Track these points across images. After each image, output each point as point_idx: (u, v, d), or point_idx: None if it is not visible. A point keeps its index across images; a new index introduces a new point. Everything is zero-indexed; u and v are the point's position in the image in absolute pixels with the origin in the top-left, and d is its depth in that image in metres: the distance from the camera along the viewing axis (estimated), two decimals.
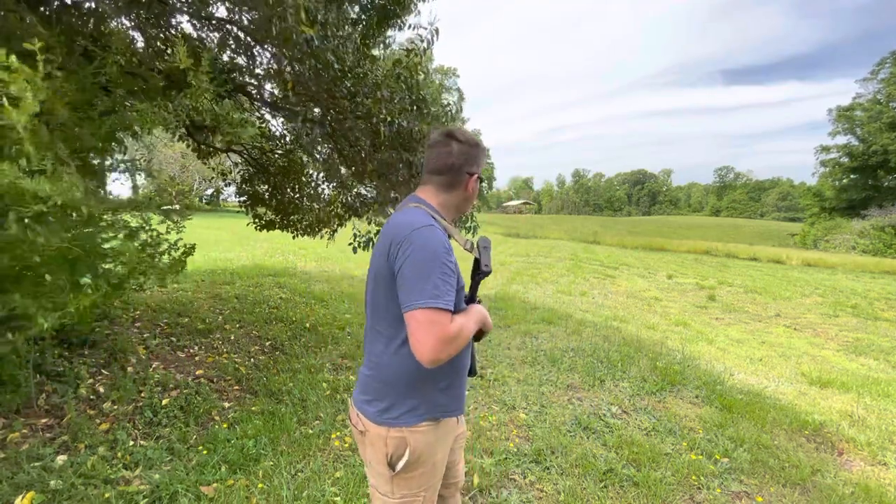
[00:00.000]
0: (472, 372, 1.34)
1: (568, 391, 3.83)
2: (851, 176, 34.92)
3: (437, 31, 3.55)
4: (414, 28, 3.64)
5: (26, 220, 1.52)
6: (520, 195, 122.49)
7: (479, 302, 1.32)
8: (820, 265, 18.37)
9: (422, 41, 3.58)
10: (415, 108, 3.66)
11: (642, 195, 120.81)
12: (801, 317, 8.10)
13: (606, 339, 5.43)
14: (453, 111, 4.18)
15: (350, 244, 4.76)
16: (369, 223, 4.93)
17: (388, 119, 3.38)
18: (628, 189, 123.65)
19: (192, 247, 2.69)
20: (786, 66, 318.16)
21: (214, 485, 2.23)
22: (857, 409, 3.84)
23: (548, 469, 2.63)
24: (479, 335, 1.29)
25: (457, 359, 1.23)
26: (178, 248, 2.51)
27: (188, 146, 5.12)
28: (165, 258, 2.43)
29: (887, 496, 2.58)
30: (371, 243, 4.71)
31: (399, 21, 3.75)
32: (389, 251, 1.12)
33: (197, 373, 3.44)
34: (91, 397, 2.82)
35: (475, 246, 1.29)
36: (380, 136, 3.43)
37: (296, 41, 2.76)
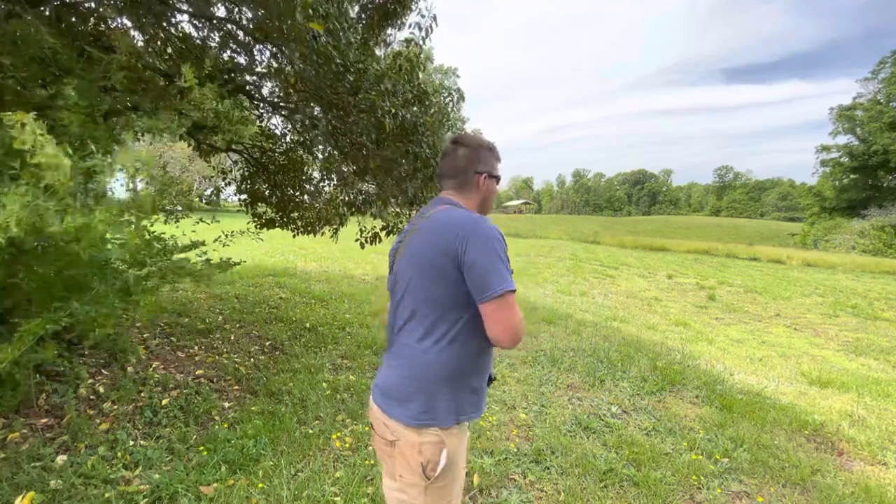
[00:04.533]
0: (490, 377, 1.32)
1: (568, 391, 3.82)
2: (852, 176, 34.83)
3: (434, 17, 3.57)
4: (412, 27, 3.66)
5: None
6: (520, 195, 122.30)
7: None
8: (820, 265, 18.36)
9: (420, 30, 3.59)
10: (417, 100, 3.67)
11: (642, 195, 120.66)
12: (801, 317, 8.10)
13: (606, 339, 5.43)
14: (455, 99, 4.22)
15: (356, 240, 4.78)
16: (374, 218, 4.92)
17: (393, 111, 3.38)
18: (628, 189, 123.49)
19: (236, 262, 2.77)
20: (787, 64, 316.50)
21: (214, 485, 2.23)
22: (857, 409, 3.83)
23: (548, 469, 2.63)
24: None
25: (488, 357, 1.26)
26: (202, 255, 2.55)
27: (189, 145, 5.12)
28: (199, 265, 2.48)
29: (887, 496, 2.58)
30: (377, 238, 4.73)
31: (399, 21, 3.76)
32: (449, 246, 1.13)
33: (197, 373, 3.44)
34: (91, 397, 2.82)
35: None
36: (384, 129, 3.42)
37: (303, 37, 2.76)
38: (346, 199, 5.01)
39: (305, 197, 5.22)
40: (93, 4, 2.83)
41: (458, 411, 1.18)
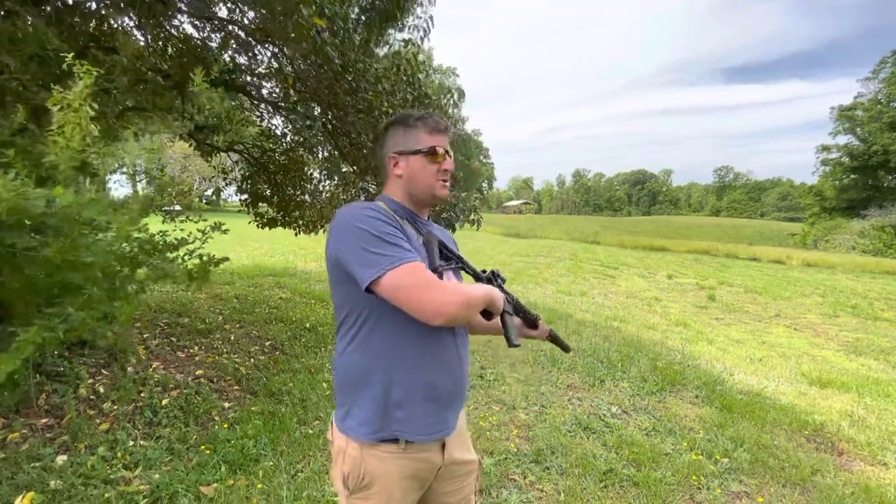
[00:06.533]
0: (510, 343, 1.11)
1: (568, 391, 3.82)
2: (852, 176, 34.86)
3: (431, 18, 3.63)
4: (412, 29, 3.69)
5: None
6: (520, 195, 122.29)
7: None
8: (820, 265, 18.35)
9: (418, 31, 3.63)
10: (417, 102, 3.68)
11: (642, 195, 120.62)
12: (801, 317, 8.10)
13: (606, 339, 5.43)
14: (455, 98, 4.26)
15: None
16: None
17: (390, 112, 3.39)
18: (628, 189, 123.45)
19: (222, 258, 2.73)
20: (787, 64, 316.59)
21: (214, 485, 2.23)
22: (857, 409, 3.83)
23: (548, 469, 2.63)
24: (488, 315, 1.10)
25: (419, 368, 1.05)
26: (192, 256, 2.54)
27: (189, 145, 5.12)
28: (190, 264, 2.47)
29: (887, 496, 2.58)
30: None
31: (399, 23, 3.78)
32: (327, 245, 1.05)
33: (197, 373, 3.44)
34: (91, 397, 2.82)
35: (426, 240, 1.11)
36: None
37: (306, 35, 2.77)
38: (347, 198, 5.03)
39: (306, 196, 5.23)
40: (94, 5, 2.84)
41: (381, 428, 1.03)
